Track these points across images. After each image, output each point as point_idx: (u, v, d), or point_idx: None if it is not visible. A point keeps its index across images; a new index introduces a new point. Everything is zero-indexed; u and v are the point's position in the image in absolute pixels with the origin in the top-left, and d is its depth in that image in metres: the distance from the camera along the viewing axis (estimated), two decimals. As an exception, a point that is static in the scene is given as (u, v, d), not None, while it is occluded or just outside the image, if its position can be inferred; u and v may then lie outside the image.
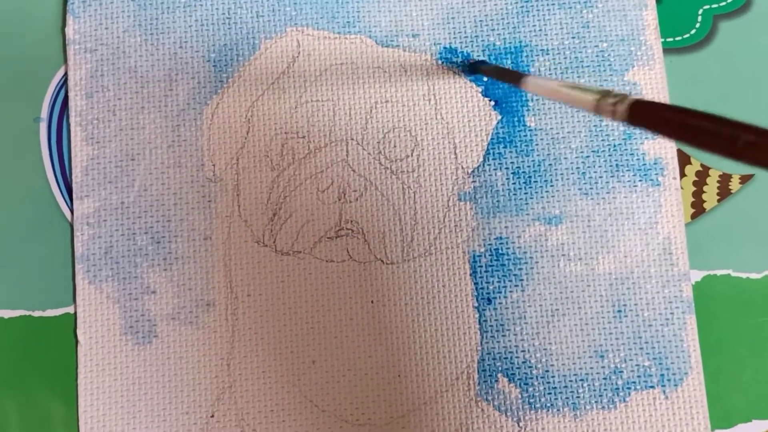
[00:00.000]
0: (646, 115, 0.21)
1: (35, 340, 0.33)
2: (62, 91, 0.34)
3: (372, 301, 0.33)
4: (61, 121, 0.34)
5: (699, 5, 0.36)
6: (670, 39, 0.36)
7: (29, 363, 0.33)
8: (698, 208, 0.34)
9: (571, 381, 0.33)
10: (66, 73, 0.34)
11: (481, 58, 0.35)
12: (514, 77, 0.30)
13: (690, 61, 0.36)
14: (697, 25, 0.36)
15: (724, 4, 0.36)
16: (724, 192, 0.34)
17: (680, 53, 0.36)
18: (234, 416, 0.32)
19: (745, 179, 0.35)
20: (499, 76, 0.33)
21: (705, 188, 0.34)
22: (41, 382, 0.33)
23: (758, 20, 0.36)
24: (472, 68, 0.34)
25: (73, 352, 0.33)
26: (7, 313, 0.33)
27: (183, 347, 0.32)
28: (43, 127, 0.34)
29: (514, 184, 0.34)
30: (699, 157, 0.35)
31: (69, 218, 0.33)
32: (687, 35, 0.36)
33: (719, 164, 0.35)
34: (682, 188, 0.34)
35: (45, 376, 0.33)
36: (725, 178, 0.35)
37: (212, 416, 0.32)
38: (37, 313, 0.33)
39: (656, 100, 0.34)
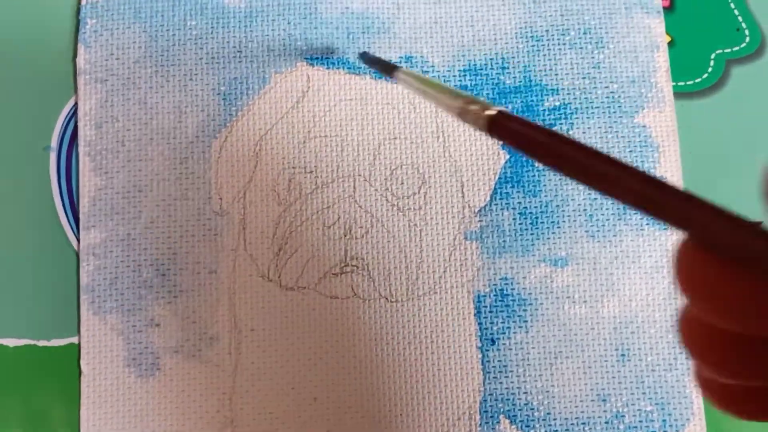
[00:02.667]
0: (503, 127, 0.20)
1: (40, 369, 0.33)
2: (72, 121, 0.34)
3: (375, 339, 0.33)
4: (70, 151, 0.34)
5: (712, 50, 0.36)
6: (682, 83, 0.36)
7: (34, 392, 0.33)
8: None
9: (572, 424, 0.33)
10: (76, 103, 0.34)
11: (490, 96, 0.35)
12: (388, 69, 0.30)
13: (701, 105, 0.36)
14: (710, 70, 0.36)
15: (737, 48, 0.36)
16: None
17: (692, 98, 0.36)
18: (235, 451, 0.32)
19: (752, 225, 0.34)
20: (379, 67, 0.32)
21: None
22: (45, 412, 0.33)
23: None
24: (362, 58, 0.34)
25: (77, 382, 0.33)
26: (12, 342, 0.33)
27: (185, 381, 0.32)
28: (53, 156, 0.34)
29: (520, 224, 0.34)
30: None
31: (76, 248, 0.34)
32: (699, 80, 0.36)
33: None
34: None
35: (49, 406, 0.33)
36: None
37: (213, 451, 0.32)
38: (42, 343, 0.33)
39: (666, 144, 0.34)
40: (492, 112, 0.20)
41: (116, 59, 0.34)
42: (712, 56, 0.36)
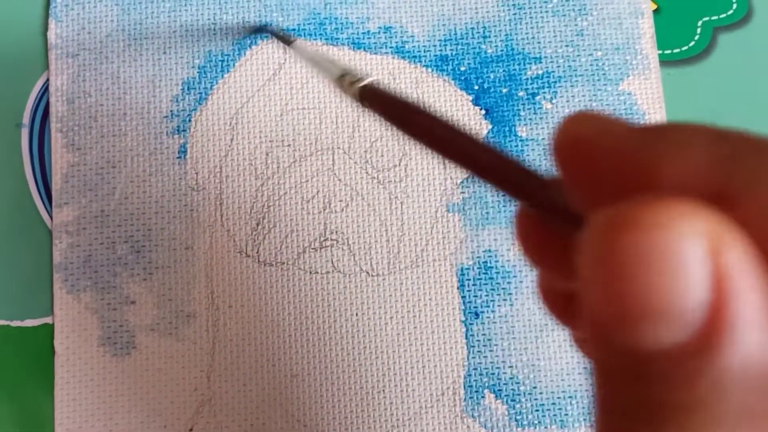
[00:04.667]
0: (372, 99, 0.21)
1: (14, 350, 0.32)
2: (45, 97, 0.33)
3: (356, 314, 0.32)
4: (43, 128, 0.33)
5: (698, 17, 0.35)
6: (668, 51, 0.35)
7: (8, 374, 0.32)
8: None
9: (559, 398, 0.32)
10: (48, 79, 0.33)
11: (472, 65, 0.34)
12: (285, 40, 0.31)
13: (688, 73, 0.35)
14: (697, 37, 0.35)
15: (724, 16, 0.35)
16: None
17: (678, 66, 0.35)
18: (213, 429, 0.31)
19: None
20: (277, 38, 0.33)
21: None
22: (20, 394, 0.32)
23: (759, 33, 0.35)
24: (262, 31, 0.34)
25: (52, 363, 0.32)
26: (-16, 323, 0.32)
27: (162, 359, 0.32)
28: (24, 133, 0.33)
29: (503, 195, 0.33)
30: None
31: (50, 226, 0.33)
32: (686, 47, 0.35)
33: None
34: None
35: (23, 388, 0.32)
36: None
37: (191, 430, 0.31)
38: (15, 323, 0.32)
39: (652, 111, 0.34)
40: (362, 83, 0.22)
41: (88, 33, 0.34)
42: (699, 24, 0.35)
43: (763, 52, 0.35)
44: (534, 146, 0.33)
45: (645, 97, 0.34)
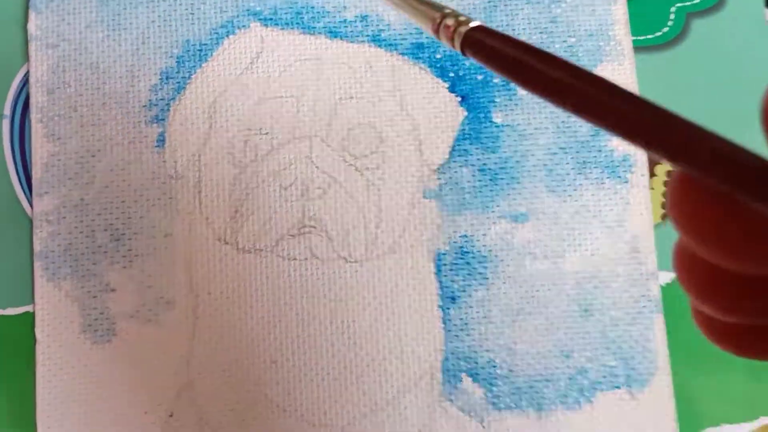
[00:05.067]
0: (479, 43, 0.18)
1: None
2: (25, 88, 0.34)
3: (334, 300, 0.32)
4: (24, 119, 0.34)
5: (672, 3, 0.36)
6: (642, 37, 0.35)
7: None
8: (668, 206, 0.34)
9: (536, 381, 0.32)
10: (28, 70, 0.34)
11: (447, 53, 0.34)
12: None
13: (661, 59, 0.35)
14: (670, 23, 0.36)
15: (697, 2, 0.36)
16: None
17: (651, 51, 0.35)
18: (194, 415, 0.32)
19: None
20: None
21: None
22: (0, 382, 0.32)
23: (731, 18, 0.36)
24: None
25: (33, 351, 0.32)
26: (-35, 312, 0.33)
27: (142, 345, 0.32)
28: (5, 124, 0.34)
29: (480, 181, 0.33)
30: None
31: (30, 216, 0.33)
32: (659, 33, 0.35)
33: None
34: (652, 188, 0.34)
35: (4, 375, 0.32)
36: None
37: (171, 415, 0.32)
38: None
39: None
40: (466, 28, 0.18)
41: (67, 24, 0.34)
42: (672, 9, 0.36)
43: (736, 38, 0.35)
44: (509, 132, 0.34)
45: (619, 82, 0.34)
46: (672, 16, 0.36)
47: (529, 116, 0.34)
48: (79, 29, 0.34)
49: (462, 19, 0.19)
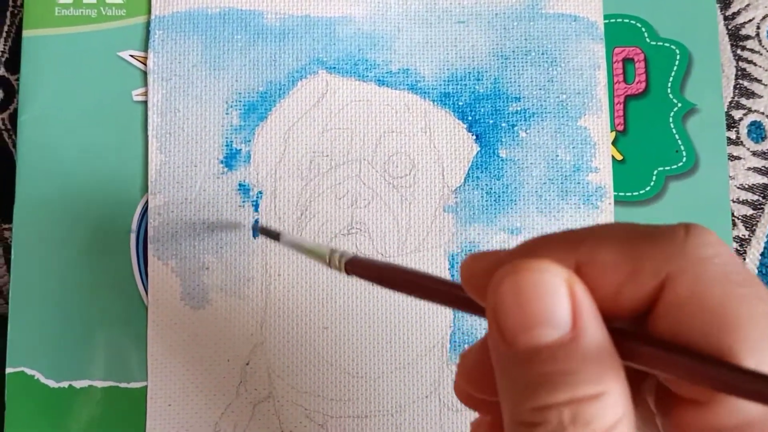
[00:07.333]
0: (356, 268, 0.28)
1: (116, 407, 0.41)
2: (146, 210, 0.43)
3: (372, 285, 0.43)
4: (145, 232, 0.43)
5: (655, 167, 0.43)
6: (629, 194, 0.43)
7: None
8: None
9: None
10: (147, 199, 0.43)
11: (468, 101, 0.45)
12: (274, 235, 0.39)
13: (641, 213, 0.43)
14: (652, 184, 0.43)
15: (675, 166, 0.43)
16: (647, 217, 0.45)
17: (633, 206, 0.43)
18: (263, 365, 0.43)
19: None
20: (268, 234, 0.41)
21: (633, 213, 0.44)
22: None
23: (702, 180, 0.43)
24: (260, 232, 0.42)
25: (145, 314, 0.43)
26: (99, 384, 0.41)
27: (228, 311, 0.43)
28: (132, 237, 0.43)
29: (486, 201, 0.44)
30: (631, 189, 0.44)
31: (146, 303, 0.42)
32: (642, 191, 0.43)
33: (646, 195, 0.44)
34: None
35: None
36: (649, 206, 0.44)
37: (247, 364, 0.42)
38: (123, 385, 0.41)
39: (602, 143, 0.45)
40: (347, 257, 0.28)
41: (178, 63, 0.44)
42: (654, 172, 0.43)
43: (704, 196, 0.43)
44: (511, 165, 0.44)
45: (596, 131, 0.45)
46: (654, 178, 0.43)
47: (527, 153, 0.44)
48: (187, 67, 0.44)
49: (341, 253, 0.29)
